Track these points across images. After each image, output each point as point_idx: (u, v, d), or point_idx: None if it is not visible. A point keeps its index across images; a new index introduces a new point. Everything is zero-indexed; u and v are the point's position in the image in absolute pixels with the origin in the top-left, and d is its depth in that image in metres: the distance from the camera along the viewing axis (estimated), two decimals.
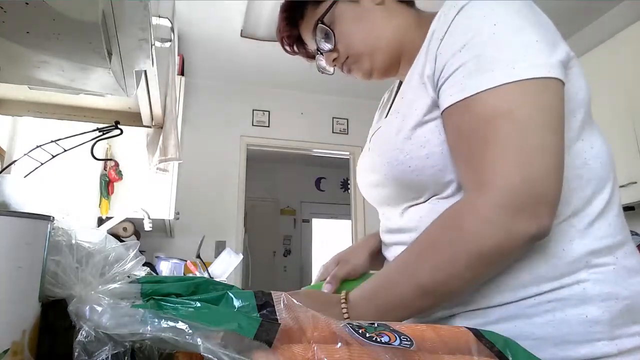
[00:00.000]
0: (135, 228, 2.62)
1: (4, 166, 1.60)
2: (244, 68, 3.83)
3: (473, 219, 0.54)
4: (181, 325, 0.36)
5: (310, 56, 0.84)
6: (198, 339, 0.34)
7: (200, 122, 3.91)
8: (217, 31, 3.29)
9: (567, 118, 0.58)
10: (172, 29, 1.51)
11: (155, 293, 0.43)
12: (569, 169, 0.58)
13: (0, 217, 0.37)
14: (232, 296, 0.42)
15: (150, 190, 2.46)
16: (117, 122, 1.40)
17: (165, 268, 2.44)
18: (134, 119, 1.74)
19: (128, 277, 0.46)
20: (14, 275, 0.37)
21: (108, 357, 0.36)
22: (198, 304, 0.39)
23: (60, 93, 1.40)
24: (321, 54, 0.80)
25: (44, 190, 1.43)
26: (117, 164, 2.39)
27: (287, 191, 6.66)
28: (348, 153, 4.31)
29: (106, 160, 2.34)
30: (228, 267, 2.31)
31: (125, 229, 2.58)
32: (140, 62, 0.98)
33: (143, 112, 1.67)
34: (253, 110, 4.14)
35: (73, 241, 0.47)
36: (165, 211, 2.52)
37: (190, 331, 0.35)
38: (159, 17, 1.30)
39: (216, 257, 2.38)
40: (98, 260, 0.45)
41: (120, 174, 2.38)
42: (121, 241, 0.54)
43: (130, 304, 0.39)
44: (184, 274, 2.38)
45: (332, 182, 6.81)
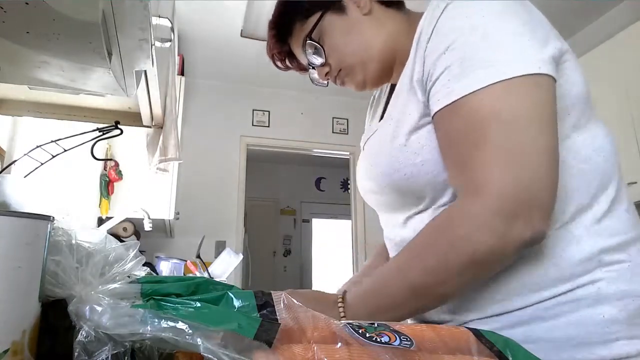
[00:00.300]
0: (135, 228, 2.62)
1: (4, 166, 1.60)
2: (244, 68, 3.83)
3: (466, 224, 0.53)
4: (181, 325, 0.36)
5: (303, 69, 0.82)
6: (198, 339, 0.34)
7: (200, 122, 3.91)
8: (217, 31, 3.29)
9: (563, 114, 0.57)
10: (172, 29, 1.51)
11: (155, 293, 0.43)
12: (571, 166, 0.57)
13: (0, 217, 0.37)
14: (232, 296, 0.42)
15: (150, 190, 2.46)
16: (117, 122, 1.40)
17: (165, 268, 2.44)
18: (134, 119, 1.74)
19: (128, 277, 0.46)
20: (14, 275, 0.37)
21: (108, 357, 0.36)
22: (198, 304, 0.39)
23: (60, 93, 1.40)
24: (313, 68, 0.78)
25: (44, 190, 1.43)
26: (117, 164, 2.39)
27: (287, 191, 6.66)
28: (348, 153, 4.31)
29: (106, 160, 2.33)
30: (228, 267, 2.31)
31: (125, 229, 2.58)
32: (140, 62, 0.98)
33: (143, 112, 1.67)
34: (253, 110, 4.14)
35: (73, 241, 0.47)
36: (165, 211, 2.52)
37: (190, 331, 0.35)
38: (159, 17, 1.30)
39: (216, 257, 2.38)
40: (98, 260, 0.45)
41: (120, 174, 2.38)
42: (121, 241, 0.54)
43: (130, 304, 0.39)
44: (184, 274, 2.38)
45: (332, 182, 6.81)
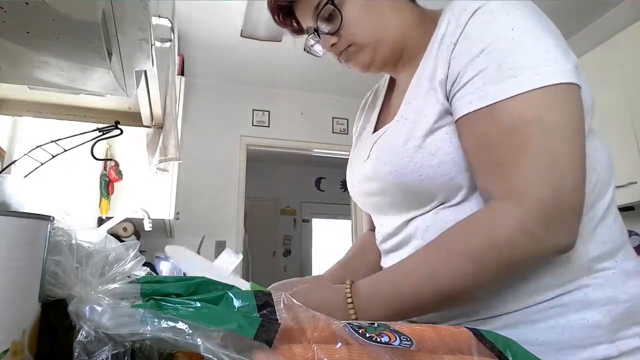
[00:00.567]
0: (135, 228, 2.62)
1: (4, 166, 1.60)
2: (244, 68, 3.82)
3: (506, 227, 0.52)
4: (181, 325, 0.36)
5: (296, 31, 0.77)
6: (198, 339, 0.34)
7: (200, 122, 3.91)
8: (217, 31, 3.29)
9: None
10: (172, 29, 1.51)
11: (155, 293, 0.43)
12: None
13: (0, 217, 0.37)
14: (232, 296, 0.42)
15: (150, 190, 2.46)
16: (117, 122, 1.40)
17: (165, 268, 2.44)
18: (134, 119, 1.74)
19: (128, 277, 0.46)
20: (14, 275, 0.37)
21: (108, 357, 0.36)
22: (198, 304, 0.39)
23: (60, 93, 1.40)
24: (316, 34, 0.74)
25: (44, 190, 1.43)
26: (117, 164, 2.39)
27: (287, 191, 6.66)
28: (348, 153, 4.28)
29: (106, 160, 2.34)
30: (228, 267, 2.30)
31: (125, 229, 2.58)
32: (140, 62, 0.98)
33: (143, 112, 1.67)
34: (253, 110, 4.14)
35: (73, 241, 0.47)
36: (165, 211, 2.52)
37: (190, 331, 0.35)
38: (159, 17, 1.30)
39: (216, 257, 2.38)
40: (98, 260, 0.45)
41: (120, 174, 2.38)
42: (121, 241, 0.54)
43: (130, 304, 0.39)
44: (184, 274, 2.38)
45: (332, 182, 6.81)
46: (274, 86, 4.16)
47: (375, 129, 0.79)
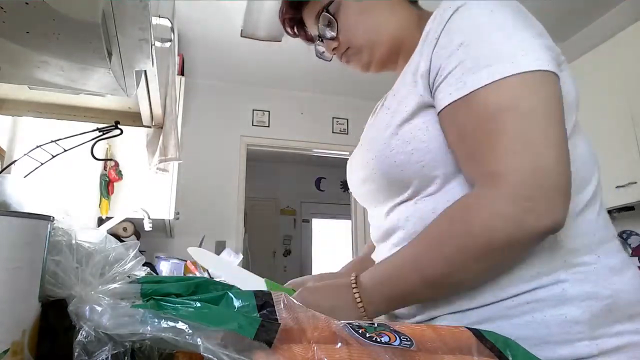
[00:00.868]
0: (135, 228, 2.62)
1: (4, 166, 1.60)
2: (244, 68, 3.83)
3: (482, 212, 0.53)
4: (181, 325, 0.36)
5: (309, 39, 0.85)
6: (198, 339, 0.34)
7: (200, 122, 3.91)
8: (217, 31, 3.29)
9: None
10: (172, 29, 1.51)
11: (155, 293, 0.43)
12: None
13: (0, 217, 0.37)
14: (232, 296, 0.42)
15: (150, 190, 2.46)
16: (117, 122, 1.40)
17: (165, 268, 2.44)
18: (134, 119, 1.74)
19: (128, 277, 0.46)
20: (14, 275, 0.37)
21: (108, 357, 0.36)
22: (198, 304, 0.39)
23: (60, 93, 1.40)
24: (322, 41, 0.80)
25: (44, 190, 1.43)
26: (117, 164, 2.39)
27: (287, 191, 6.66)
28: (348, 153, 4.30)
29: (106, 160, 2.33)
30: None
31: (125, 229, 2.58)
32: (140, 62, 0.98)
33: (143, 112, 1.67)
34: (253, 110, 4.14)
35: (73, 241, 0.47)
36: (165, 211, 2.51)
37: (190, 331, 0.35)
38: (159, 17, 1.30)
39: None
40: (98, 260, 0.45)
41: (120, 174, 2.38)
42: (121, 241, 0.54)
43: (130, 304, 0.39)
44: (184, 274, 2.38)
45: (332, 182, 6.81)
46: (274, 86, 4.16)
47: None
